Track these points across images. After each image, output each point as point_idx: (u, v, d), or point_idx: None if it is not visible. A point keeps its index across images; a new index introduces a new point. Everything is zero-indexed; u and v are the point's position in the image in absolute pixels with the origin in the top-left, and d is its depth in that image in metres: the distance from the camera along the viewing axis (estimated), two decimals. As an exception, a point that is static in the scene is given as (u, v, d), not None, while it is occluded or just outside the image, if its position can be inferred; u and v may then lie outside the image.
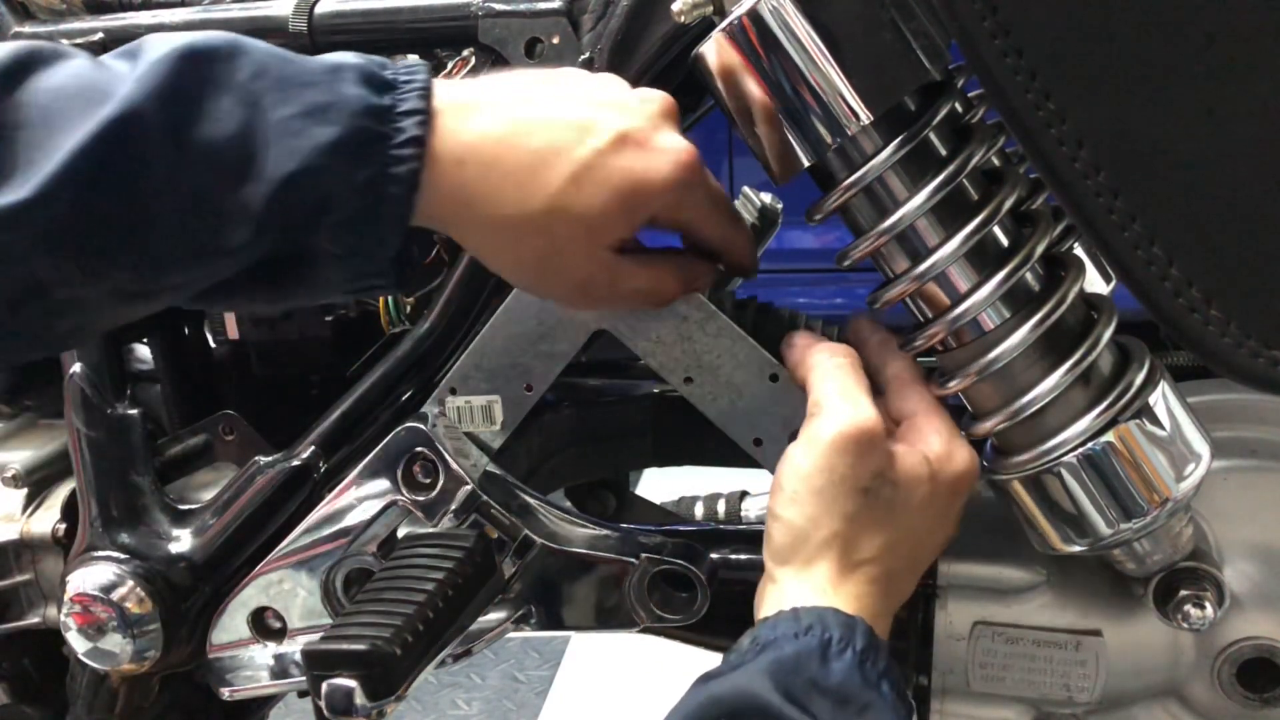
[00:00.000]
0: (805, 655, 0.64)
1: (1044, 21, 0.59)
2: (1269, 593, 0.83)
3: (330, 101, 0.66)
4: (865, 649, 0.66)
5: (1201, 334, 0.62)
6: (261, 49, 0.68)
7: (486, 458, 0.90)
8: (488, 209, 0.70)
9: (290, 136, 0.65)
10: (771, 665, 0.64)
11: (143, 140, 0.63)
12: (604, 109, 0.72)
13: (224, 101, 0.65)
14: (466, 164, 0.69)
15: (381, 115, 0.67)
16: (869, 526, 0.71)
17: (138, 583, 0.96)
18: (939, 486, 0.73)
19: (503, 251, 0.74)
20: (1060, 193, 0.62)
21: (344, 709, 0.74)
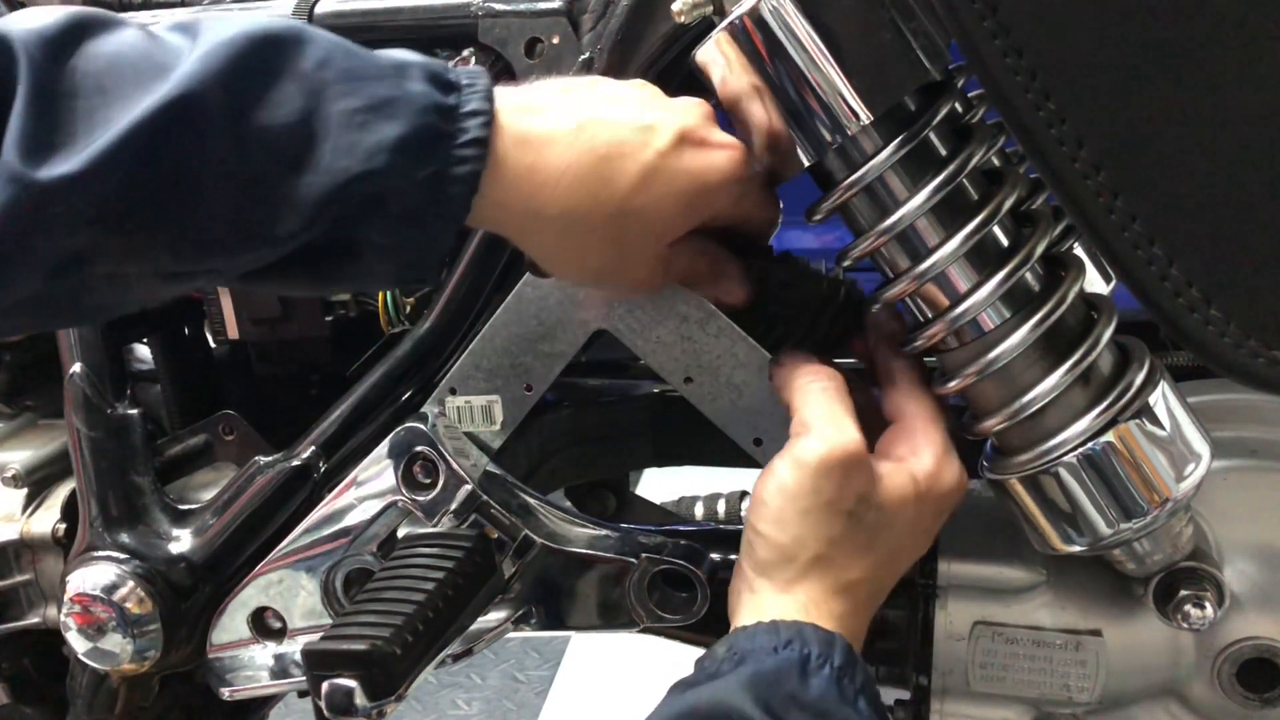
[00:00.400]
0: (785, 670, 0.64)
1: (1044, 22, 0.59)
2: (1269, 593, 0.83)
3: (396, 96, 0.65)
4: (843, 665, 0.66)
5: (1201, 334, 0.62)
6: (327, 39, 0.67)
7: (486, 458, 0.90)
8: (556, 212, 0.70)
9: (353, 130, 0.64)
10: (751, 678, 0.63)
11: (202, 122, 0.62)
12: (660, 110, 0.72)
13: (287, 89, 0.64)
14: (533, 167, 0.69)
15: (447, 114, 0.66)
16: (852, 550, 0.72)
17: (138, 583, 0.96)
18: (925, 506, 0.73)
19: (569, 254, 0.74)
20: (1060, 193, 0.62)
21: (344, 709, 0.74)
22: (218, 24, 0.65)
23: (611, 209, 0.70)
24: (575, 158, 0.69)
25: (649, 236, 0.73)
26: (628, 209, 0.70)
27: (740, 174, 0.73)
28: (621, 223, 0.71)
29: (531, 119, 0.69)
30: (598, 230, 0.71)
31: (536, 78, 0.86)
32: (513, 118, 0.69)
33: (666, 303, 0.82)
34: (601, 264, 0.74)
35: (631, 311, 0.83)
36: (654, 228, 0.72)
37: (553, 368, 0.87)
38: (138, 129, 0.61)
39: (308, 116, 0.64)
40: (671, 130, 0.71)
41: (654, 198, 0.70)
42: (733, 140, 0.73)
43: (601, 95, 0.73)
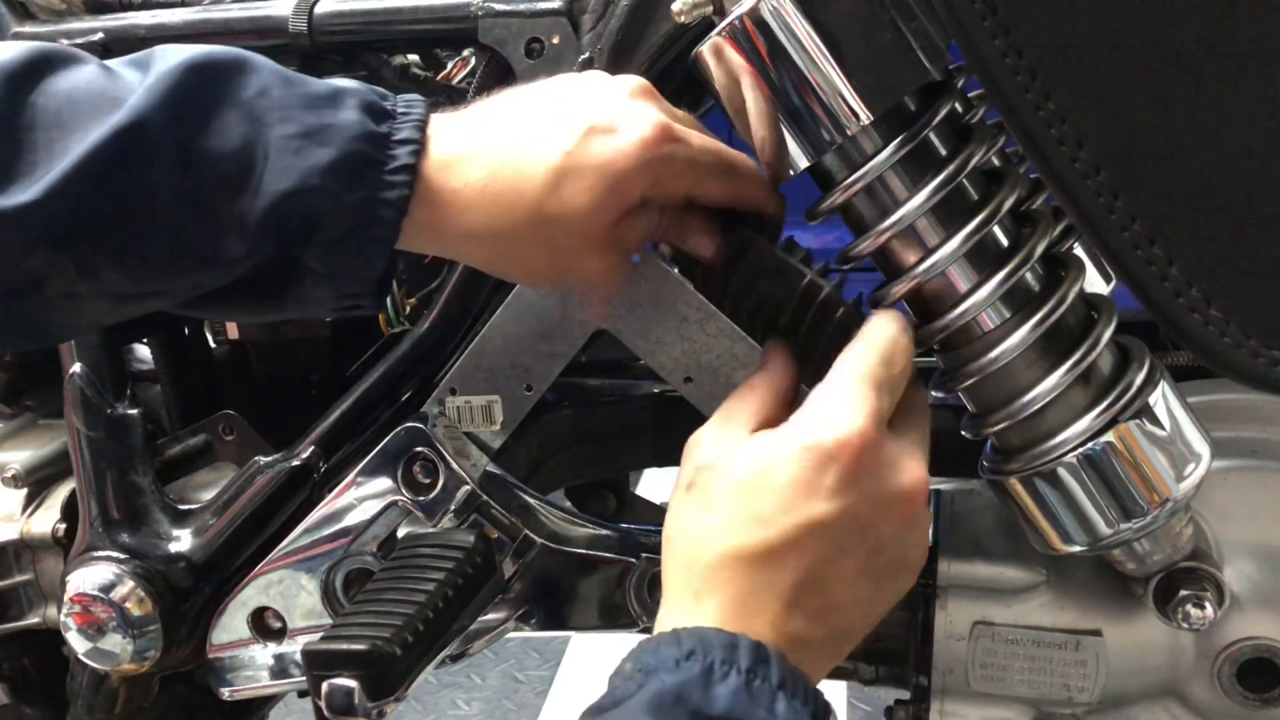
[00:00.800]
0: (687, 685, 0.58)
1: (1044, 21, 0.59)
2: (1269, 593, 0.83)
3: (329, 125, 0.68)
4: (752, 666, 0.60)
5: (1201, 334, 0.62)
6: (268, 67, 0.70)
7: (486, 458, 0.90)
8: (481, 230, 0.71)
9: (289, 155, 0.67)
10: (652, 700, 0.58)
11: (150, 148, 0.66)
12: (575, 106, 0.72)
13: (229, 116, 0.67)
14: (455, 190, 0.70)
15: (377, 142, 0.69)
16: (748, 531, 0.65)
17: (137, 583, 0.96)
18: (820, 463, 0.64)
19: (510, 264, 0.76)
20: (1060, 193, 0.62)
21: (344, 709, 0.74)
22: (168, 54, 0.69)
23: (527, 218, 0.70)
24: (489, 173, 0.70)
25: (576, 235, 0.72)
26: (543, 215, 0.70)
27: (652, 155, 0.70)
28: (543, 229, 0.71)
29: (456, 142, 0.71)
30: (523, 240, 0.71)
31: (537, 78, 0.86)
32: (441, 143, 0.71)
33: (667, 303, 0.82)
34: (544, 269, 0.74)
35: (631, 311, 0.83)
36: (578, 225, 0.71)
37: (553, 368, 0.87)
38: (90, 156, 0.64)
39: (248, 143, 0.67)
40: (580, 125, 0.70)
41: (566, 197, 0.70)
42: (646, 119, 0.71)
43: (531, 102, 0.73)
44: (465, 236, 0.72)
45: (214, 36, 0.95)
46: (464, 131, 0.72)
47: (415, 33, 0.93)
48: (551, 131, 0.71)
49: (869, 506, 0.64)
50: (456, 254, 0.77)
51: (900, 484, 0.65)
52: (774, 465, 0.64)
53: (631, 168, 0.70)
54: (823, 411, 0.65)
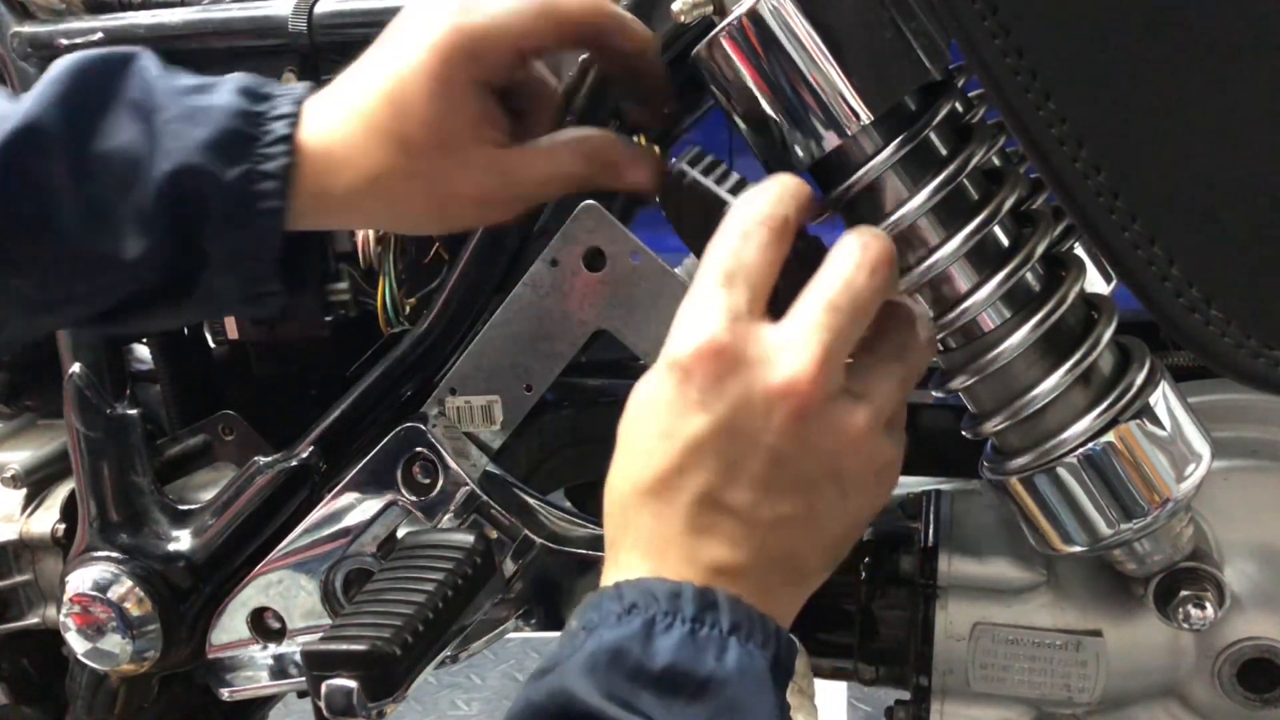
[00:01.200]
0: (627, 641, 0.55)
1: (1045, 21, 0.59)
2: (1269, 593, 0.83)
3: (207, 106, 0.70)
4: (697, 615, 0.55)
5: (1202, 334, 0.62)
6: (153, 63, 0.72)
7: (486, 458, 0.90)
8: (364, 181, 0.71)
9: (170, 139, 0.69)
10: (590, 659, 0.55)
11: (46, 150, 0.68)
12: (402, 26, 0.72)
13: (118, 114, 0.69)
14: (334, 151, 0.71)
15: (253, 118, 0.70)
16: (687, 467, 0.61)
17: (137, 583, 0.96)
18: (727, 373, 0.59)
19: (403, 213, 0.75)
20: (1060, 193, 0.62)
21: (344, 709, 0.74)
22: (59, 61, 0.71)
23: (393, 143, 0.70)
24: (361, 121, 0.70)
25: (438, 146, 0.70)
26: (400, 133, 0.70)
27: (459, 17, 0.70)
28: (406, 153, 0.70)
29: (331, 108, 0.71)
30: (398, 173, 0.71)
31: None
32: (317, 114, 0.71)
33: (666, 302, 0.82)
34: (430, 202, 0.73)
35: (631, 312, 0.83)
36: (437, 133, 0.70)
37: (553, 368, 0.87)
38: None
39: (137, 137, 0.69)
40: (424, 21, 0.70)
41: (417, 101, 0.69)
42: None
43: (390, 32, 0.73)
44: (351, 193, 0.71)
45: (213, 36, 0.95)
46: (336, 95, 0.72)
47: (415, 32, 0.93)
48: (403, 43, 0.71)
49: (742, 411, 0.58)
50: (352, 219, 0.77)
51: (773, 379, 0.58)
52: (649, 394, 0.61)
53: (442, 37, 0.70)
54: (679, 325, 0.61)
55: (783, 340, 0.59)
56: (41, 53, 0.98)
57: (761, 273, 0.61)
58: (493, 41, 0.70)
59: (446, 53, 0.70)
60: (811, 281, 0.61)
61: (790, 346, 0.59)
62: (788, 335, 0.59)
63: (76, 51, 0.71)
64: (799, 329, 0.59)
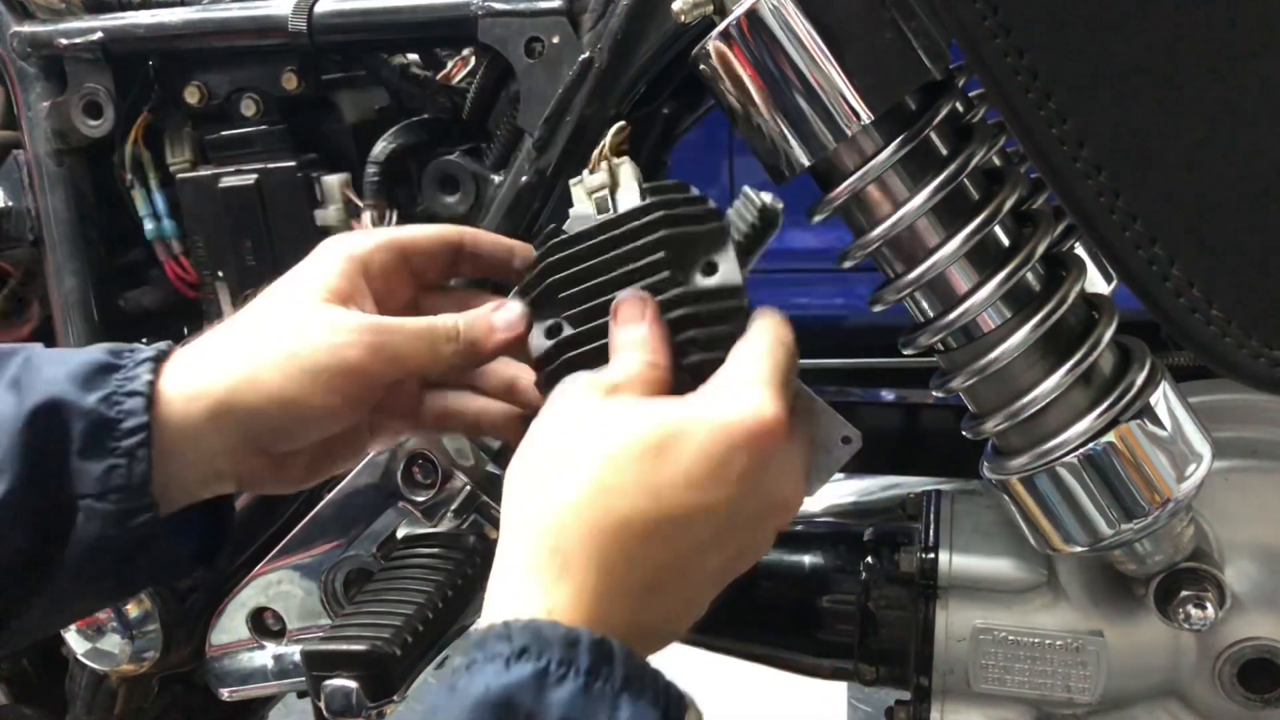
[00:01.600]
0: (518, 689, 0.51)
1: (1045, 21, 0.59)
2: (1270, 593, 0.83)
3: (75, 352, 0.68)
4: (592, 667, 0.53)
5: (1203, 334, 0.62)
6: (37, 350, 0.69)
7: (486, 458, 0.90)
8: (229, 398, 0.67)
9: (35, 382, 0.66)
10: (475, 708, 0.51)
11: None
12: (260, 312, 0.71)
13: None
14: (198, 367, 0.67)
15: (118, 352, 0.68)
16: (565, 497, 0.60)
17: (137, 583, 0.96)
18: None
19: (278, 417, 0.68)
20: (1061, 193, 0.62)
21: (344, 709, 0.74)
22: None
23: (264, 348, 0.67)
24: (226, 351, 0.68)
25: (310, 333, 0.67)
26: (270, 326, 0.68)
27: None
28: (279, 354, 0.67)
29: (196, 353, 0.69)
30: (272, 371, 0.67)
31: (536, 77, 0.86)
32: (182, 356, 0.69)
33: None
34: (315, 393, 0.67)
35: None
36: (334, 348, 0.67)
37: (553, 368, 0.87)
38: None
39: (5, 406, 0.65)
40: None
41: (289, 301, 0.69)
42: None
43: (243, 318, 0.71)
44: (217, 409, 0.67)
45: (213, 36, 0.95)
46: (201, 349, 0.70)
47: (415, 32, 0.93)
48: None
49: (758, 505, 0.60)
50: (235, 439, 0.68)
51: (787, 492, 0.62)
52: (681, 434, 0.57)
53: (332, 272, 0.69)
54: (739, 395, 0.59)
55: (795, 458, 0.63)
56: (41, 52, 0.98)
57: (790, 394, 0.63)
58: (371, 255, 0.70)
59: (330, 280, 0.69)
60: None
61: (797, 469, 0.63)
62: (796, 456, 0.63)
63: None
64: (799, 454, 0.64)
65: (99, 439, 0.65)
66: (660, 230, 0.67)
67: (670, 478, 0.57)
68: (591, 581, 0.56)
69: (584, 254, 0.69)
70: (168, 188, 1.01)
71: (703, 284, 0.66)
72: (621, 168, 0.73)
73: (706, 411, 0.58)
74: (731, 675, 0.84)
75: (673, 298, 0.65)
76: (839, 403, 0.81)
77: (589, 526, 0.56)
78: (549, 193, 0.87)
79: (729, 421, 0.58)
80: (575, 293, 0.69)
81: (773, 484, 0.60)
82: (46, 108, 0.99)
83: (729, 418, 0.58)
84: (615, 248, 0.68)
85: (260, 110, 0.97)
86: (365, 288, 0.70)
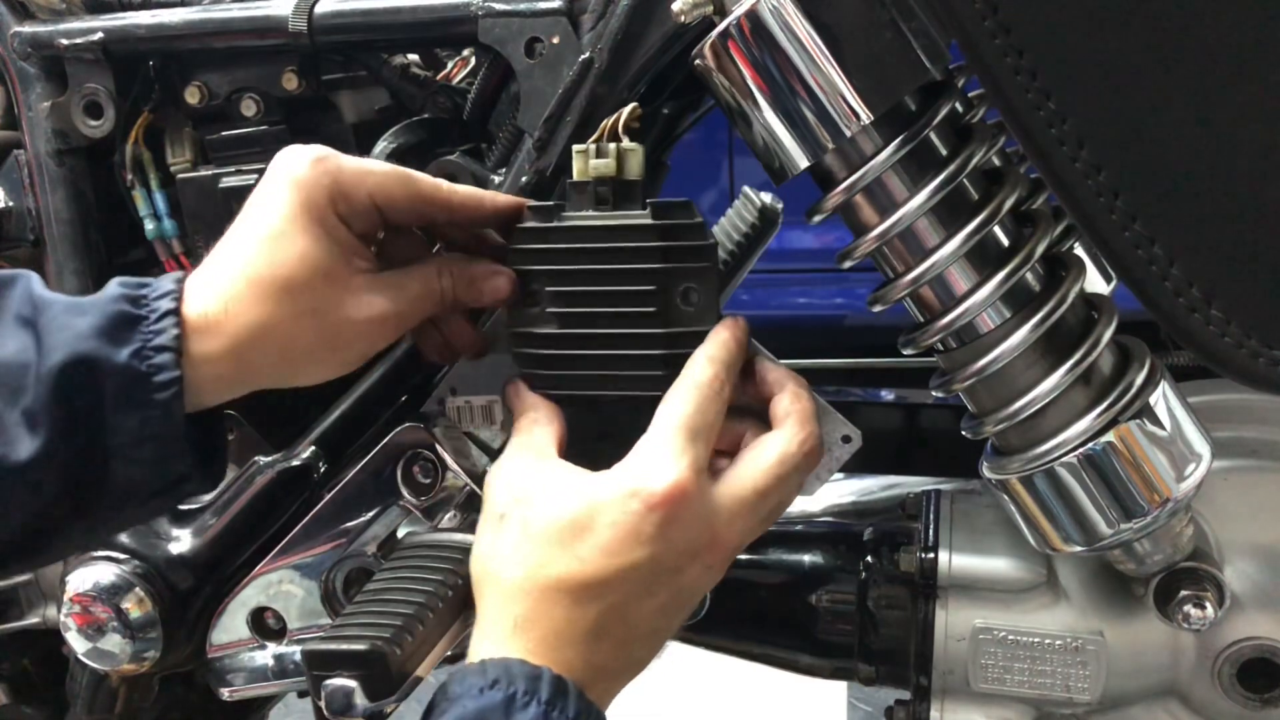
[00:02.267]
0: (488, 710, 0.63)
1: (1044, 21, 0.59)
2: (1269, 593, 0.83)
3: (89, 300, 0.70)
4: (551, 699, 0.64)
5: (1202, 334, 0.62)
6: (39, 283, 0.72)
7: (486, 458, 0.90)
8: (253, 333, 0.71)
9: (55, 334, 0.68)
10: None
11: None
12: (260, 195, 0.74)
13: (4, 327, 0.70)
14: (221, 315, 0.71)
15: (136, 300, 0.70)
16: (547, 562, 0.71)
17: (137, 583, 0.96)
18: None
19: (299, 356, 0.74)
20: (1061, 193, 0.62)
21: (344, 709, 0.74)
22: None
23: (280, 298, 0.71)
24: (243, 276, 0.71)
25: (295, 293, 0.72)
26: (281, 282, 0.71)
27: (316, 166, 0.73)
28: (291, 298, 0.71)
29: (211, 280, 0.72)
30: (288, 323, 0.72)
31: (536, 77, 0.86)
32: (199, 284, 0.72)
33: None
34: (311, 351, 0.74)
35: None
36: (309, 272, 0.72)
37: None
38: None
39: (24, 344, 0.69)
40: (272, 176, 0.73)
41: (277, 252, 0.71)
42: (299, 152, 0.74)
43: (254, 198, 0.74)
44: (244, 350, 0.71)
45: (213, 36, 0.95)
46: (214, 261, 0.73)
47: (415, 32, 0.93)
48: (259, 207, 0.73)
49: (680, 555, 0.69)
50: (253, 378, 0.75)
51: (711, 536, 0.70)
52: (598, 508, 0.68)
53: (304, 173, 0.73)
54: (647, 461, 0.69)
55: (717, 499, 0.70)
56: (41, 52, 0.98)
57: (716, 429, 0.72)
58: (351, 181, 0.74)
59: (309, 188, 0.72)
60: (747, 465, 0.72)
61: (723, 507, 0.70)
62: (721, 494, 0.71)
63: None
64: (728, 489, 0.71)
65: (133, 394, 0.69)
66: (653, 261, 0.74)
67: (590, 548, 0.68)
68: (541, 633, 0.67)
69: (576, 255, 0.76)
70: (168, 188, 1.01)
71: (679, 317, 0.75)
72: (630, 156, 0.74)
73: (616, 487, 0.69)
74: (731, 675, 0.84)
75: (649, 335, 0.74)
76: (839, 403, 0.81)
77: (535, 592, 0.68)
78: (549, 193, 0.87)
79: (635, 492, 0.68)
80: (562, 291, 0.76)
81: (689, 534, 0.69)
82: (47, 108, 0.99)
83: (635, 488, 0.68)
84: (608, 261, 0.75)
85: (261, 110, 0.97)
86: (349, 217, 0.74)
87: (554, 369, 0.78)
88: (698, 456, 0.70)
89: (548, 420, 0.77)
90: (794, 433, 0.72)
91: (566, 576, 0.68)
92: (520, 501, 0.71)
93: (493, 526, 0.72)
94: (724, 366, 0.73)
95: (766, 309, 2.80)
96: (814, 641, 0.94)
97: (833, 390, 2.30)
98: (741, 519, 0.71)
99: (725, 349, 0.73)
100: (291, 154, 0.74)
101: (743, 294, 0.87)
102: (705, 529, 0.70)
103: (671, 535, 0.68)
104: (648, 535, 0.68)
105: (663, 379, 0.74)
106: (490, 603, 0.70)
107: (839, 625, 0.93)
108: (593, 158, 0.75)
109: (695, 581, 0.71)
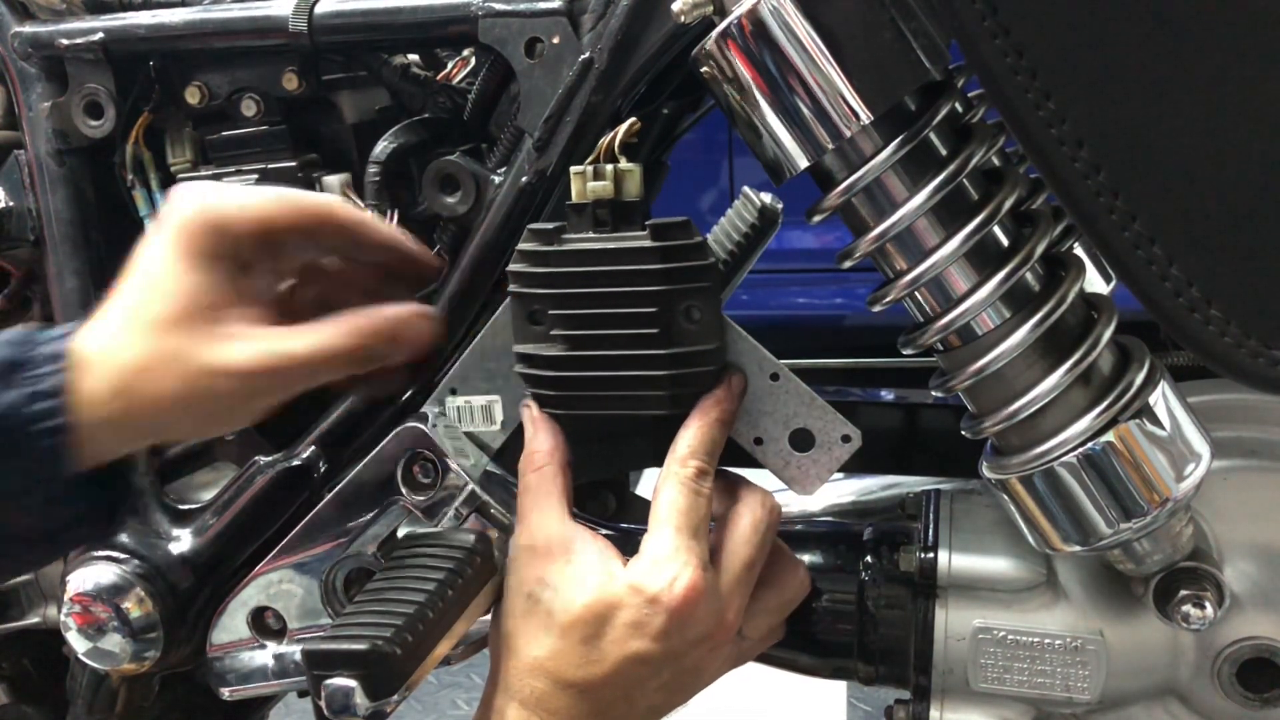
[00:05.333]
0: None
1: (1044, 21, 0.59)
2: (1269, 593, 0.83)
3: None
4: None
5: (1202, 334, 0.62)
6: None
7: (486, 458, 0.90)
8: (127, 372, 0.70)
9: None
10: None
11: None
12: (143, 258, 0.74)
13: None
14: (101, 355, 0.70)
15: (23, 345, 0.69)
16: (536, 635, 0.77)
17: (138, 583, 0.96)
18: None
19: (167, 404, 0.72)
20: (1060, 193, 0.62)
21: (344, 709, 0.74)
22: None
23: (167, 339, 0.70)
24: (121, 315, 0.71)
25: (197, 340, 0.71)
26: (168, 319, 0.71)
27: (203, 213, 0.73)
28: (176, 348, 0.70)
29: (103, 315, 0.72)
30: (171, 380, 0.70)
31: (536, 77, 0.86)
32: (91, 327, 0.71)
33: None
34: (214, 407, 0.73)
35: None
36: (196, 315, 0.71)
37: (553, 367, 0.87)
38: None
39: None
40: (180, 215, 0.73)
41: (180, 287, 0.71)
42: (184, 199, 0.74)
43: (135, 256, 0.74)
44: (122, 393, 0.70)
45: (214, 36, 0.95)
46: (108, 304, 0.72)
47: (415, 32, 0.93)
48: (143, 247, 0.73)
49: (686, 644, 0.75)
50: (143, 426, 0.73)
51: (716, 625, 0.75)
52: (611, 606, 0.74)
53: (187, 216, 0.73)
54: (655, 563, 0.74)
55: (722, 590, 0.76)
56: (42, 53, 0.98)
57: (708, 519, 0.77)
58: (232, 214, 0.73)
59: (188, 225, 0.72)
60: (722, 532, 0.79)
61: (726, 597, 0.76)
62: (725, 585, 0.76)
63: None
64: (730, 578, 0.77)
65: (17, 441, 0.68)
66: (654, 283, 0.75)
67: (608, 643, 0.74)
68: (552, 709, 0.75)
69: (578, 278, 0.77)
70: (169, 188, 1.01)
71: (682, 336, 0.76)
72: (627, 177, 0.74)
73: (634, 592, 0.74)
74: (731, 675, 0.84)
75: (653, 356, 0.76)
76: (839, 403, 0.81)
77: (551, 677, 0.75)
78: (549, 193, 0.87)
79: (654, 598, 0.73)
80: (565, 314, 0.78)
81: (701, 627, 0.75)
82: (47, 108, 0.99)
83: (654, 594, 0.73)
84: (609, 284, 0.76)
85: (261, 110, 0.97)
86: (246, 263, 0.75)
87: (560, 389, 0.79)
88: (703, 553, 0.75)
89: (557, 471, 0.81)
90: (755, 498, 0.79)
91: (582, 678, 0.74)
92: (545, 585, 0.76)
93: (520, 605, 0.77)
94: (708, 457, 0.78)
95: (766, 309, 2.80)
96: (813, 641, 0.94)
97: (833, 390, 2.29)
98: (739, 596, 0.77)
99: (708, 439, 0.78)
100: (177, 192, 0.75)
101: (743, 294, 0.87)
102: (714, 618, 0.75)
103: (685, 632, 0.74)
104: (663, 633, 0.73)
105: (668, 398, 0.76)
106: (512, 670, 0.77)
107: (838, 625, 0.92)
108: (590, 180, 0.75)
109: (699, 663, 0.76)
